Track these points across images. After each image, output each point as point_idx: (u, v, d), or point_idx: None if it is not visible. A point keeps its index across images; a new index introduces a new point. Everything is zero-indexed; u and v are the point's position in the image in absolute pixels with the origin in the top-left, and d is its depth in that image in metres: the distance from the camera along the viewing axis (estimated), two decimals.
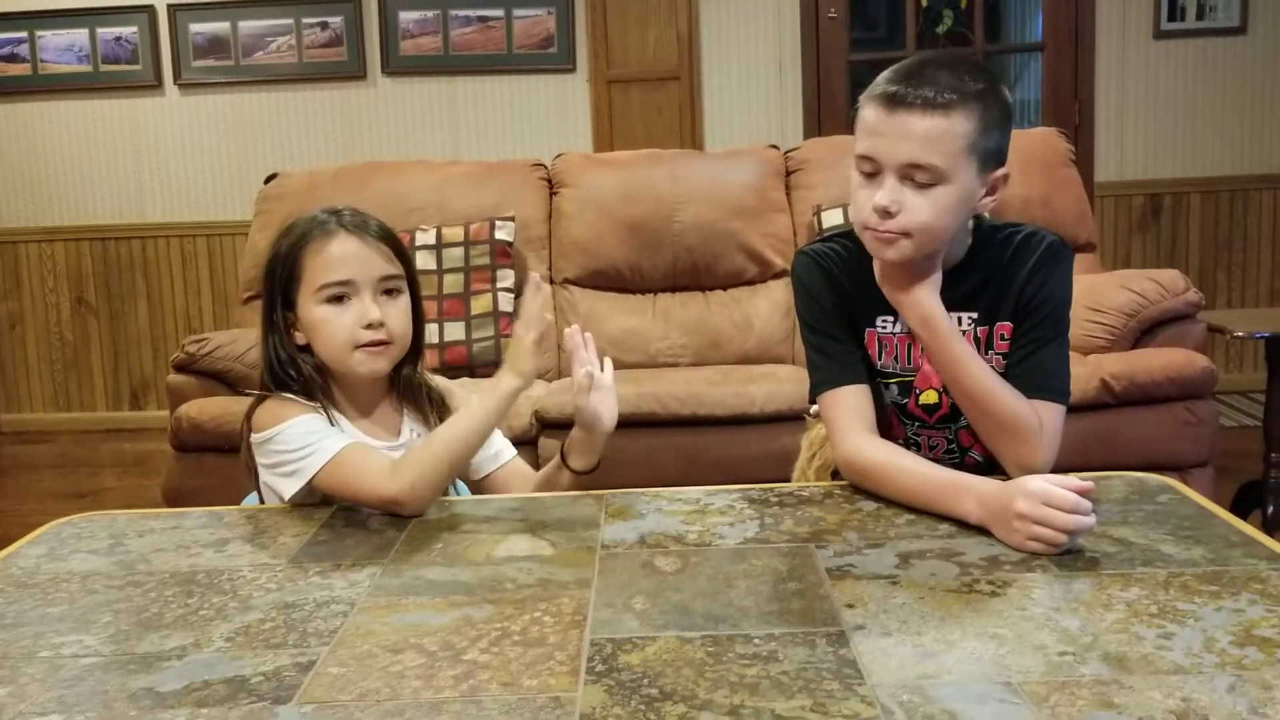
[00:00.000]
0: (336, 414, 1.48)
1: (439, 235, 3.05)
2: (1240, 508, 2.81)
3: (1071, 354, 2.61)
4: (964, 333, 1.44)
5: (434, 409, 1.55)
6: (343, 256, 1.46)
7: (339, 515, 1.41)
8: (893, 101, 1.32)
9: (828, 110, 4.65)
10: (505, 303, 3.02)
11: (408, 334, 1.51)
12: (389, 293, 1.49)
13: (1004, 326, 1.44)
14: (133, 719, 0.88)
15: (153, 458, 4.36)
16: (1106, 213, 4.70)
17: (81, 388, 4.98)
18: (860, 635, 0.97)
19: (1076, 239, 3.12)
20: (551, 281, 3.21)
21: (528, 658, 0.96)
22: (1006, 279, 1.43)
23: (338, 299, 1.46)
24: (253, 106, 4.77)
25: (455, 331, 2.98)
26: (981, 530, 1.21)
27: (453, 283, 3.01)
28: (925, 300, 1.37)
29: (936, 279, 1.37)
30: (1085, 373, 2.46)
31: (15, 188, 4.89)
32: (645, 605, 1.06)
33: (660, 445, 2.49)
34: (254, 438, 1.46)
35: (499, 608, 1.07)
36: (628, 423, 2.48)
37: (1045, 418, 1.38)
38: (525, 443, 2.55)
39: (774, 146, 3.41)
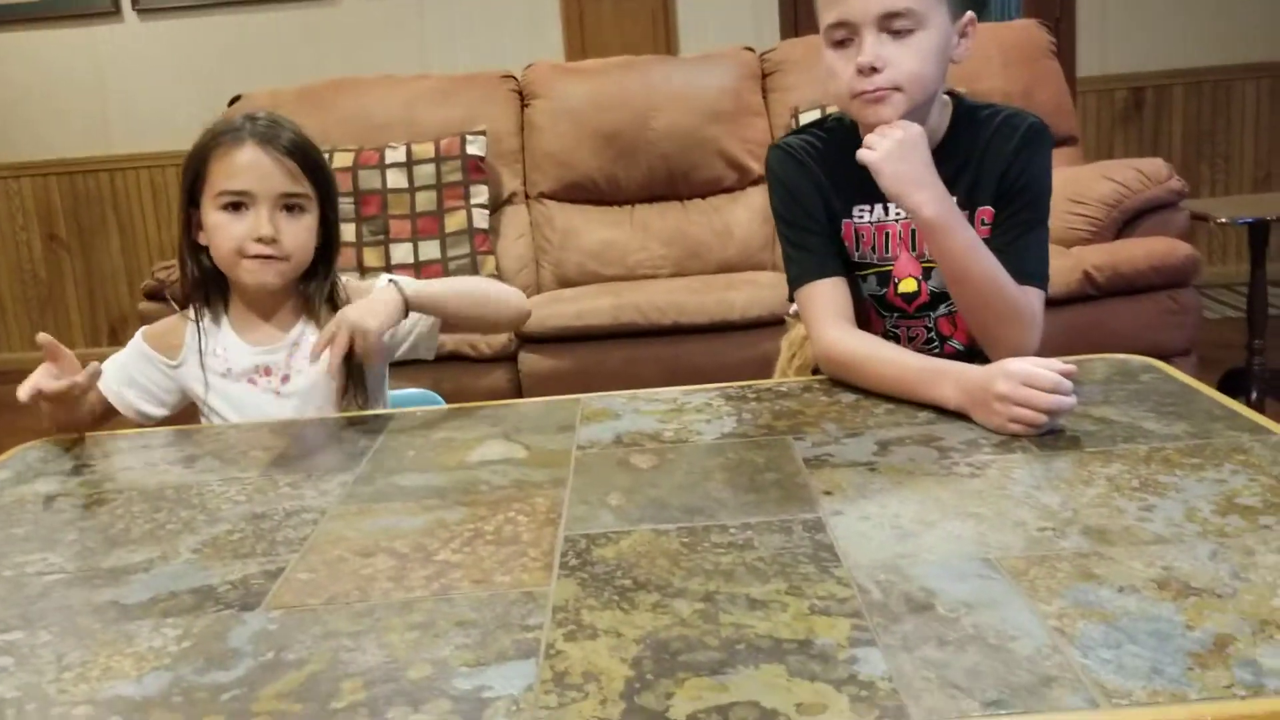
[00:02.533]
0: (223, 324, 1.54)
1: (409, 152, 2.99)
2: (1225, 393, 2.81)
3: (1054, 246, 2.60)
4: None
5: (332, 313, 1.51)
6: (244, 166, 1.45)
7: (311, 427, 1.39)
8: None
9: (804, 10, 4.55)
10: (480, 219, 2.97)
11: (305, 250, 1.51)
12: (290, 209, 1.48)
13: (985, 211, 1.40)
14: (97, 631, 0.86)
15: None
16: (1089, 107, 4.64)
17: (58, 324, 4.92)
18: (837, 520, 0.96)
19: (1057, 130, 3.06)
20: (526, 196, 3.15)
21: (500, 555, 0.94)
22: (988, 161, 1.39)
23: (234, 206, 1.46)
24: (215, 30, 4.65)
25: (430, 250, 2.93)
26: (962, 416, 1.19)
27: (425, 200, 2.96)
28: (936, 189, 1.30)
29: (932, 167, 1.31)
30: (1068, 264, 2.43)
31: None
32: (620, 501, 1.04)
33: (641, 355, 2.46)
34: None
35: (473, 509, 1.05)
36: (609, 334, 2.47)
37: (1035, 303, 1.35)
38: (505, 359, 2.52)
39: (749, 49, 3.33)
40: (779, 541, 0.93)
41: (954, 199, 1.32)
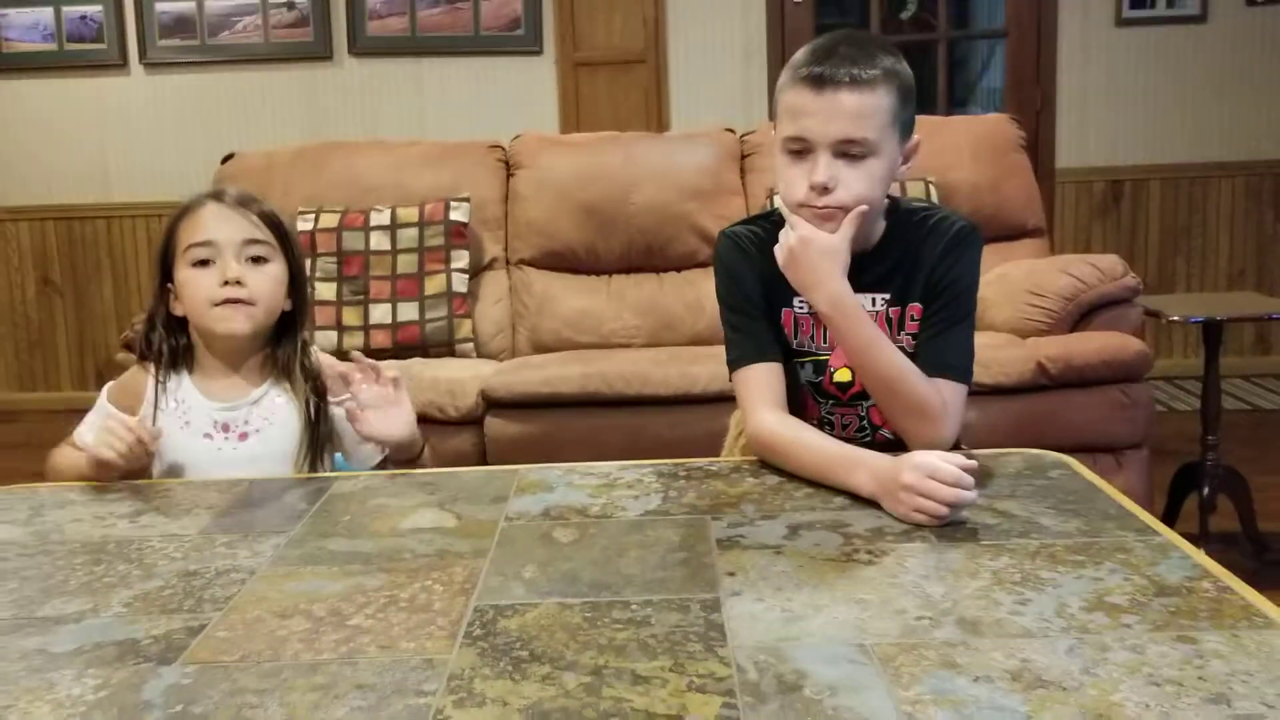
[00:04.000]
0: (184, 378, 1.60)
1: (393, 215, 3.07)
2: (1178, 489, 2.87)
3: (1009, 336, 2.67)
4: (877, 313, 1.47)
5: (308, 386, 1.59)
6: (206, 220, 1.55)
7: (257, 488, 1.44)
8: (820, 82, 1.36)
9: None
10: (459, 283, 3.05)
11: (273, 299, 1.58)
12: (255, 260, 1.56)
13: (915, 308, 1.47)
14: (20, 677, 0.91)
15: None
16: (1067, 198, 4.74)
17: (47, 367, 4.98)
18: (733, 601, 1.01)
19: (1025, 223, 3.17)
20: (508, 262, 3.23)
21: (410, 623, 0.99)
22: (918, 261, 1.46)
23: (203, 263, 1.54)
24: (219, 86, 4.76)
25: (409, 312, 3.00)
26: (874, 503, 1.25)
27: (406, 263, 3.04)
28: (833, 285, 1.38)
29: (845, 262, 1.39)
30: (1022, 355, 2.50)
31: None
32: (534, 574, 1.10)
33: (606, 424, 2.52)
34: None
35: (392, 576, 1.11)
36: (574, 402, 2.53)
37: (948, 396, 1.41)
38: (471, 422, 2.58)
39: (730, 130, 3.43)
40: (675, 619, 0.98)
41: (857, 297, 1.39)
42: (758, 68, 4.62)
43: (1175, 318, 2.58)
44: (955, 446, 1.45)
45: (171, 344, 1.60)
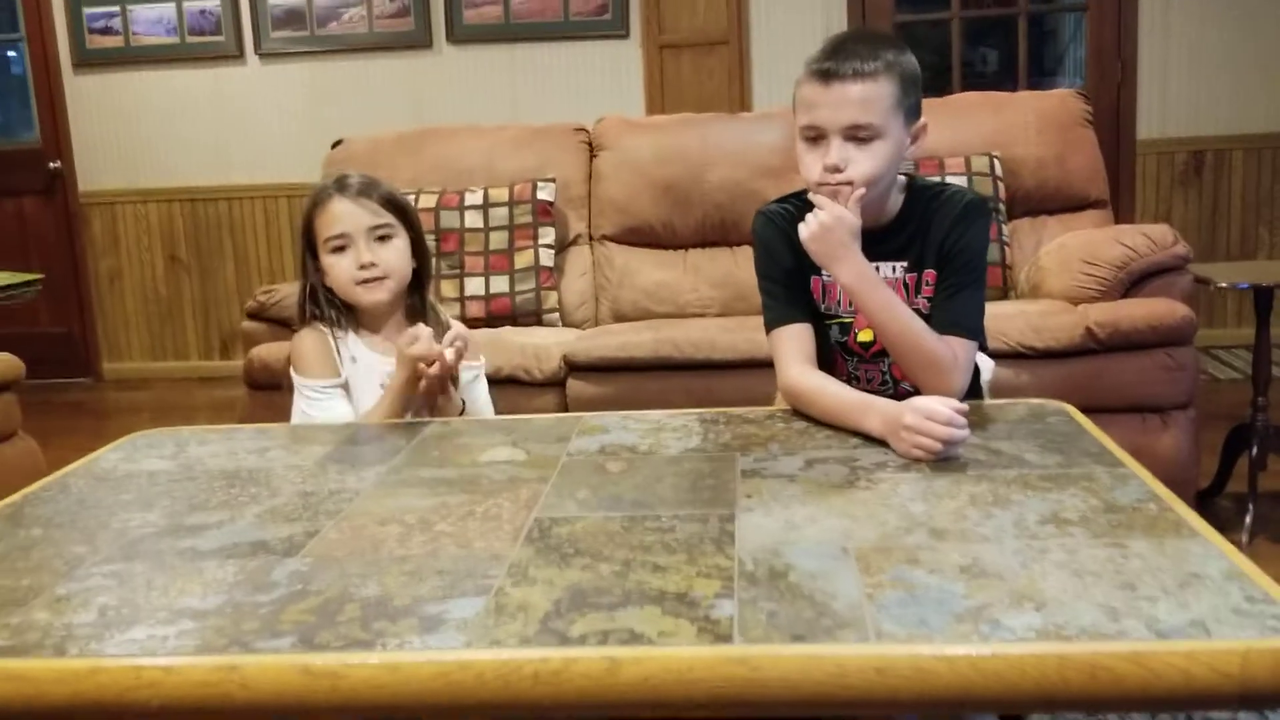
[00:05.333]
0: (350, 336, 1.88)
1: (486, 196, 3.32)
2: (1230, 450, 2.97)
3: (1063, 304, 2.82)
4: (895, 280, 1.66)
5: (441, 331, 1.85)
6: (337, 215, 1.84)
7: (363, 430, 1.69)
8: (828, 76, 1.55)
9: None
10: (546, 258, 3.28)
11: (403, 268, 1.87)
12: (382, 238, 1.85)
13: (929, 274, 1.66)
14: (176, 566, 1.16)
15: (240, 402, 4.73)
16: (1149, 170, 4.79)
17: (175, 339, 5.38)
18: (746, 515, 1.22)
19: (1089, 195, 3.27)
20: (590, 238, 3.46)
21: (483, 529, 1.22)
22: (932, 233, 1.65)
23: (340, 249, 1.84)
24: (327, 75, 5.08)
25: (500, 285, 3.25)
26: (884, 443, 1.44)
27: (498, 239, 3.28)
28: (854, 259, 1.57)
29: (858, 237, 1.58)
30: (1072, 320, 2.64)
31: (112, 153, 5.28)
32: (586, 495, 1.32)
33: (676, 386, 2.73)
34: (292, 371, 1.86)
35: (470, 495, 1.34)
36: (647, 366, 2.75)
37: (958, 351, 1.59)
38: (555, 384, 2.81)
39: None
40: (694, 528, 1.19)
41: (873, 267, 1.58)
42: None
43: (1223, 284, 2.69)
44: (972, 395, 1.63)
45: (333, 309, 1.89)
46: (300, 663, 0.94)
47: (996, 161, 3.17)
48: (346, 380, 1.87)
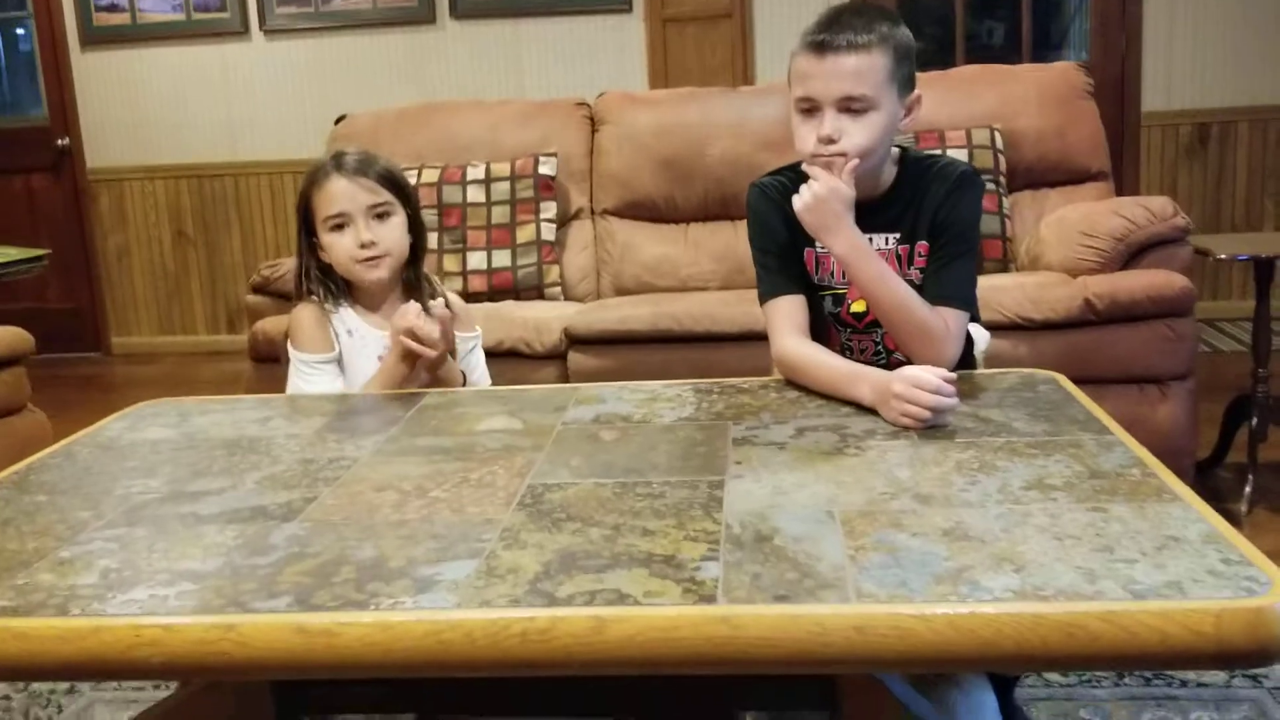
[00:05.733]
0: (346, 310, 1.91)
1: (488, 170, 3.33)
2: (1231, 421, 2.99)
3: (1062, 276, 2.83)
4: (888, 251, 1.68)
5: (432, 301, 1.89)
6: (336, 194, 1.85)
7: (363, 400, 1.72)
8: (822, 48, 1.56)
9: None
10: (548, 232, 3.30)
11: (400, 245, 1.89)
12: (380, 216, 1.86)
13: (922, 245, 1.67)
14: (178, 530, 1.19)
15: (244, 375, 4.76)
16: (1153, 142, 4.78)
17: (183, 313, 5.42)
18: (736, 482, 1.24)
19: (1089, 168, 3.27)
20: (592, 212, 3.47)
21: (477, 495, 1.25)
22: (925, 204, 1.66)
23: (339, 227, 1.86)
24: (332, 50, 5.08)
25: (502, 259, 3.27)
26: (874, 411, 1.46)
27: (500, 214, 3.30)
28: (846, 230, 1.59)
29: (852, 208, 1.59)
30: (1071, 292, 2.65)
31: (119, 129, 5.29)
32: (579, 463, 1.34)
33: (676, 359, 2.75)
34: (288, 344, 1.91)
35: (466, 463, 1.36)
36: (647, 338, 2.77)
37: (950, 321, 1.61)
38: (556, 356, 2.83)
39: None
40: (684, 494, 1.21)
41: (867, 238, 1.59)
42: None
43: (1223, 256, 2.70)
44: (964, 366, 1.65)
45: (329, 284, 1.92)
46: (295, 622, 0.96)
47: (997, 134, 3.18)
48: (340, 355, 1.89)
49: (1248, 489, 2.84)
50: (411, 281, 1.95)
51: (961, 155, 3.12)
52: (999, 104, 3.26)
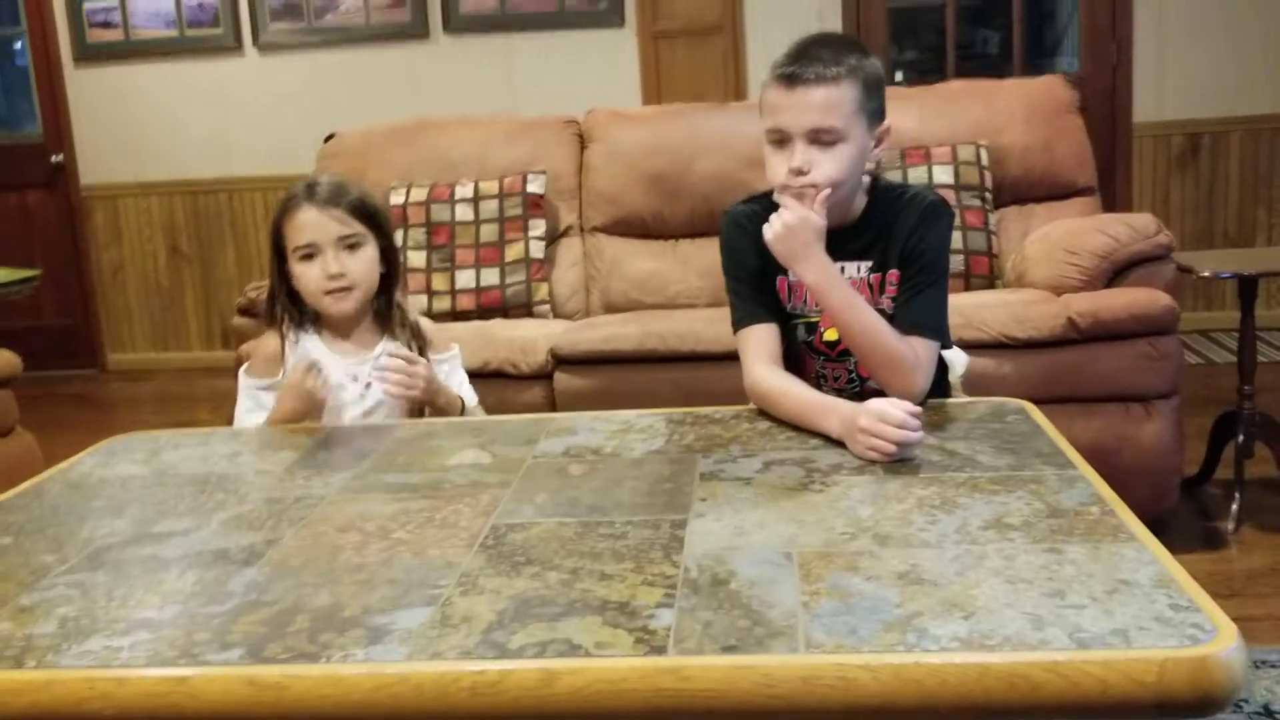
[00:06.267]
0: (313, 338, 1.91)
1: (476, 189, 3.34)
2: (1218, 437, 2.99)
3: (1045, 293, 2.83)
4: (860, 280, 1.68)
5: (407, 333, 1.92)
6: (305, 224, 1.85)
7: (336, 432, 1.72)
8: (792, 80, 1.57)
9: None
10: (536, 250, 3.30)
11: (370, 277, 1.89)
12: (350, 248, 1.86)
13: (893, 274, 1.67)
14: (137, 576, 1.19)
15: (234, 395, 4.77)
16: (1145, 153, 4.78)
17: (178, 330, 5.43)
18: (698, 521, 1.24)
19: (1076, 183, 3.27)
20: (581, 229, 3.48)
21: (439, 536, 1.25)
22: (895, 233, 1.66)
23: (308, 257, 1.85)
24: (325, 65, 5.10)
25: (490, 277, 3.28)
26: (842, 444, 1.46)
27: (488, 232, 3.30)
28: (817, 259, 1.59)
29: (822, 238, 1.60)
30: (1054, 310, 2.65)
31: (113, 145, 5.31)
32: (545, 500, 1.35)
33: (662, 378, 2.75)
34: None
35: (432, 501, 1.36)
36: (633, 358, 2.77)
37: (920, 351, 1.61)
38: (543, 377, 2.84)
39: None
40: (646, 534, 1.21)
41: (838, 267, 1.60)
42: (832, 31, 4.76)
43: (1206, 273, 2.70)
44: (939, 393, 1.65)
45: (294, 312, 1.92)
46: (246, 675, 0.96)
47: (983, 150, 3.18)
48: (280, 381, 1.89)
49: (1235, 506, 2.84)
50: (382, 310, 1.94)
51: (947, 171, 3.12)
52: (985, 119, 3.27)
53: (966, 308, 2.69)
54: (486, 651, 0.97)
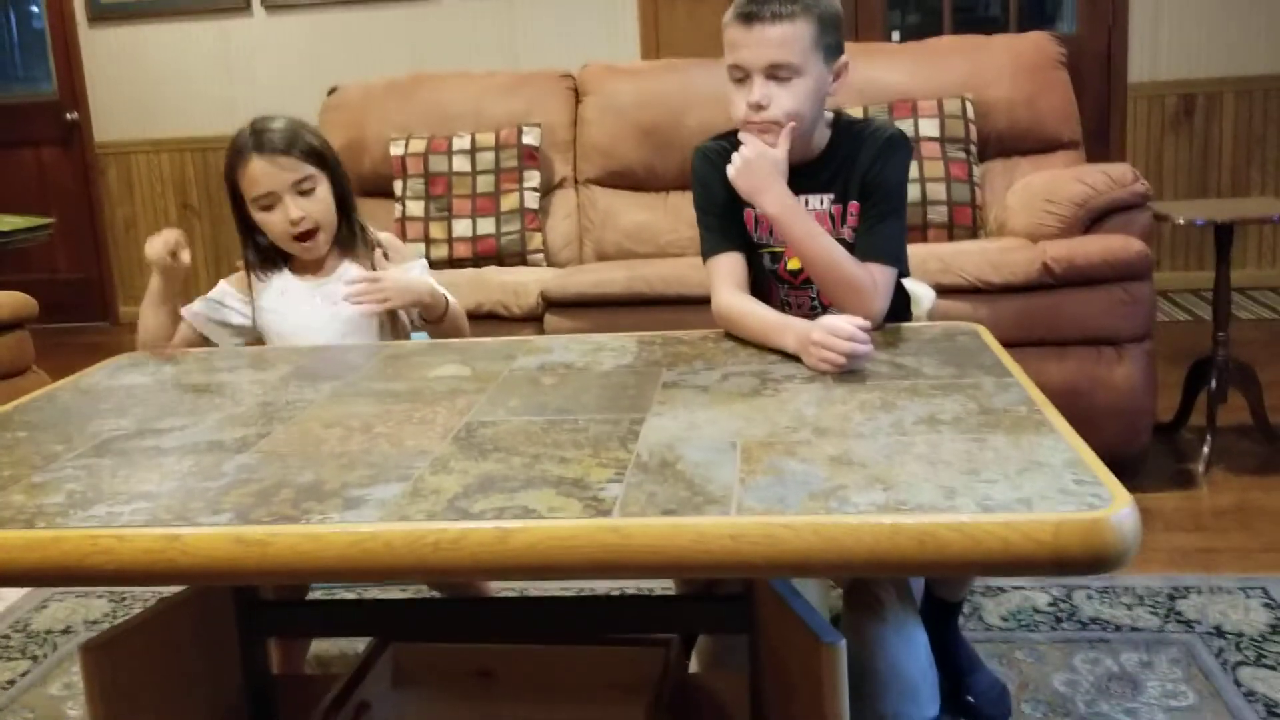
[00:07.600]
0: (282, 275, 2.01)
1: (473, 141, 3.43)
2: (1192, 384, 3.07)
3: (1023, 241, 2.91)
4: (823, 212, 1.77)
5: (369, 251, 2.01)
6: (258, 176, 1.91)
7: (328, 352, 1.82)
8: (749, 19, 1.66)
9: (865, 17, 4.86)
10: (531, 201, 3.40)
11: (329, 214, 1.96)
12: (304, 192, 1.92)
13: (854, 205, 1.76)
14: (139, 460, 1.30)
15: None
16: (1139, 113, 4.84)
17: (187, 283, 5.51)
18: (655, 420, 1.34)
19: (1060, 137, 3.34)
20: (575, 182, 3.57)
21: (417, 431, 1.35)
22: (856, 166, 1.75)
23: (268, 208, 1.92)
24: (330, 24, 5.18)
25: (486, 226, 3.37)
26: (799, 359, 1.56)
27: (485, 183, 3.40)
28: (776, 191, 1.68)
29: (784, 171, 1.69)
30: (1029, 256, 2.73)
31: (125, 104, 5.41)
32: (517, 404, 1.45)
33: (648, 321, 2.82)
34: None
35: (413, 404, 1.47)
36: (621, 301, 2.87)
37: (878, 277, 1.70)
38: (534, 319, 2.94)
39: None
40: (606, 429, 1.31)
41: (799, 199, 1.69)
42: None
43: (1180, 220, 2.78)
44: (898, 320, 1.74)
45: (264, 255, 2.01)
46: (234, 533, 1.07)
47: (969, 103, 3.25)
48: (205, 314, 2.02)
49: (1206, 449, 2.93)
50: (345, 236, 2.01)
51: (933, 124, 3.20)
52: (971, 73, 3.34)
53: (946, 254, 2.78)
54: (451, 515, 1.07)
